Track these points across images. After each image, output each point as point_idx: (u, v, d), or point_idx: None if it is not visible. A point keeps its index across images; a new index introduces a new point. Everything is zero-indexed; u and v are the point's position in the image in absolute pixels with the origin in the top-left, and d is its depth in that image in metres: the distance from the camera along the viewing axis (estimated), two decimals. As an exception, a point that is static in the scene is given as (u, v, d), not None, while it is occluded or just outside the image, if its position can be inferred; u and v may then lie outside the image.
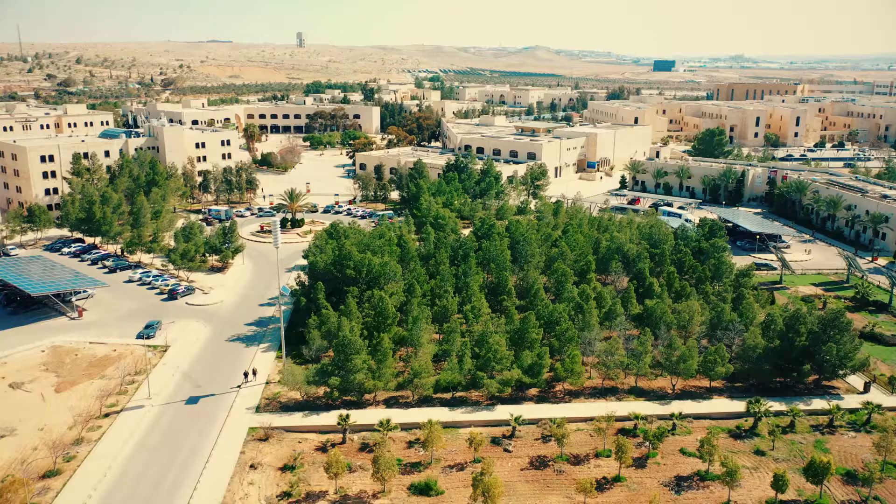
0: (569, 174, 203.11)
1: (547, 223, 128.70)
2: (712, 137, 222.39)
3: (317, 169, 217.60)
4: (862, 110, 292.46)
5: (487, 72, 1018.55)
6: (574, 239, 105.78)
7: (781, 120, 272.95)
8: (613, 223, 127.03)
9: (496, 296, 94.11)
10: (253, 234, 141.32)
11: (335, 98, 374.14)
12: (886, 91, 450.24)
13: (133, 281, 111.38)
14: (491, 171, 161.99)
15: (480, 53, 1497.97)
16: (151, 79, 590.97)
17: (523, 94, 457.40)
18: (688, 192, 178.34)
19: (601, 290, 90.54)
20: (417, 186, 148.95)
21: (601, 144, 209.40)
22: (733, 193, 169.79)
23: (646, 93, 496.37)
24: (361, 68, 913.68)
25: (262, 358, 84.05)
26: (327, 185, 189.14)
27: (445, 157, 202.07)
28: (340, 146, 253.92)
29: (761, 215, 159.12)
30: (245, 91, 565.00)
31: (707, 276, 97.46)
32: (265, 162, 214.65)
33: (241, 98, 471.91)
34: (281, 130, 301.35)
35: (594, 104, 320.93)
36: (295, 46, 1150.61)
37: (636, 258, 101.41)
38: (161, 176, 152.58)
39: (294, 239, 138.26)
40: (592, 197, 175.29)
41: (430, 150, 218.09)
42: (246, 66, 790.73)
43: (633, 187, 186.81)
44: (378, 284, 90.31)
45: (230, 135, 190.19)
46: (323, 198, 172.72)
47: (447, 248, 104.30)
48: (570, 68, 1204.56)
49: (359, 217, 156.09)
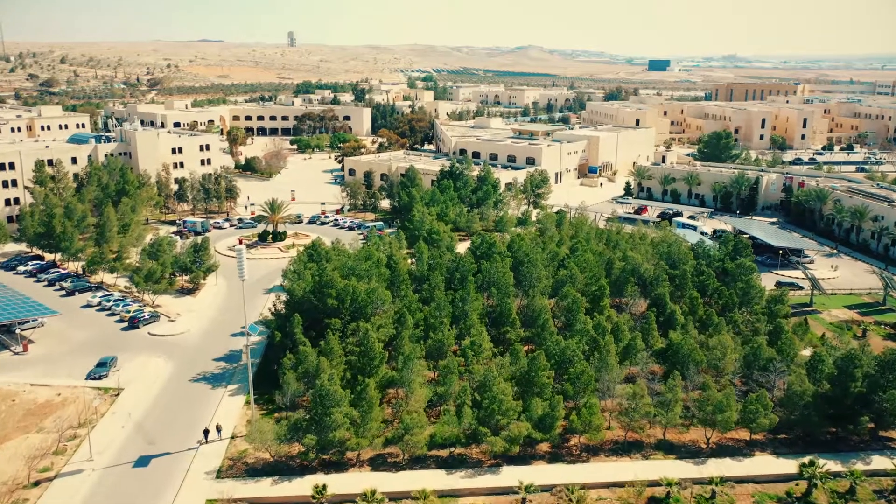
0: (570, 180, 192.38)
1: (551, 237, 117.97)
2: (719, 140, 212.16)
3: (303, 174, 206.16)
4: (869, 111, 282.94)
5: (481, 71, 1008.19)
6: (583, 258, 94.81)
7: (787, 121, 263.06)
8: (623, 237, 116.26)
9: (498, 326, 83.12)
10: (231, 248, 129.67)
11: (325, 99, 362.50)
12: (889, 91, 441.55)
13: (92, 306, 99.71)
14: (488, 178, 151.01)
15: (473, 53, 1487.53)
16: (137, 79, 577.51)
17: (518, 95, 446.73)
18: (697, 199, 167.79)
19: (618, 321, 79.55)
20: (409, 196, 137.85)
21: (603, 148, 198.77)
22: (746, 201, 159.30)
23: (643, 93, 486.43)
24: (353, 68, 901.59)
25: (228, 404, 72.73)
26: (314, 192, 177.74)
27: (439, 162, 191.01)
28: (329, 149, 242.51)
29: (777, 225, 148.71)
30: (234, 91, 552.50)
31: (735, 301, 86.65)
32: (248, 167, 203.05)
33: (228, 99, 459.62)
34: (268, 133, 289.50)
35: (593, 105, 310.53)
36: (286, 46, 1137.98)
37: (654, 281, 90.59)
38: (132, 185, 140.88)
39: (275, 254, 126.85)
40: (596, 205, 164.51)
41: (422, 155, 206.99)
42: (235, 66, 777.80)
43: (638, 194, 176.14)
44: (364, 315, 79.10)
45: (209, 139, 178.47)
46: (309, 206, 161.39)
47: (442, 269, 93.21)
48: (563, 68, 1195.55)
49: (346, 228, 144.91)
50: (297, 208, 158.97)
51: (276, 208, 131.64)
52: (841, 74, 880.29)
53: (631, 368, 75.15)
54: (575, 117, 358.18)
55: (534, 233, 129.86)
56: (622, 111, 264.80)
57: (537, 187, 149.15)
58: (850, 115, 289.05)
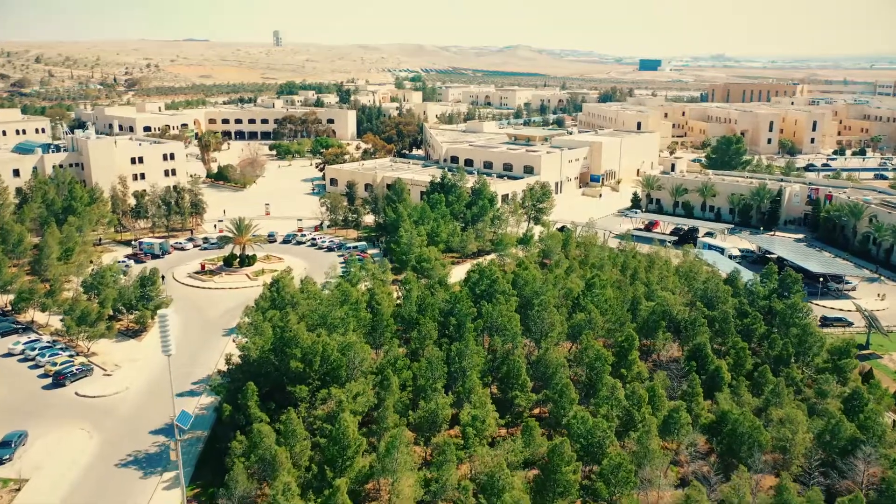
0: (570, 190, 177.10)
1: (557, 262, 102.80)
2: (729, 146, 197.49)
3: (281, 183, 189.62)
4: (879, 113, 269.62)
5: (470, 71, 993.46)
6: (603, 297, 79.23)
7: (796, 124, 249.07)
8: (641, 264, 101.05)
9: (505, 388, 67.45)
10: (191, 275, 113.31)
11: (308, 100, 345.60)
12: (890, 91, 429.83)
13: (13, 354, 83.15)
14: (484, 191, 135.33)
15: (462, 52, 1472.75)
16: (114, 79, 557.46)
17: (510, 96, 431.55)
18: (711, 212, 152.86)
19: (654, 385, 64.01)
20: (396, 212, 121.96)
21: (606, 155, 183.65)
22: (768, 215, 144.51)
23: (638, 93, 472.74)
24: (340, 68, 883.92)
25: (161, 500, 56.64)
26: (292, 204, 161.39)
27: (429, 170, 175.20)
28: (311, 155, 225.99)
29: (804, 242, 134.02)
30: (215, 92, 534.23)
31: (789, 352, 71.37)
32: (221, 176, 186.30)
33: (208, 100, 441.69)
34: (246, 137, 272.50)
35: (590, 107, 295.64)
36: (272, 45, 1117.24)
37: (689, 325, 75.26)
38: (80, 201, 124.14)
39: (242, 282, 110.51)
40: (602, 219, 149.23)
41: (410, 162, 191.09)
42: (218, 66, 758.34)
43: (647, 206, 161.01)
44: (337, 379, 63.20)
45: (174, 147, 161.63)
46: (285, 222, 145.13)
47: (434, 310, 77.43)
48: (552, 67, 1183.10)
49: (325, 249, 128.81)
50: (272, 225, 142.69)
51: (244, 229, 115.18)
52: (831, 74, 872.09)
53: (669, 442, 59.95)
54: (570, 119, 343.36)
55: (536, 255, 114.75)
56: (622, 114, 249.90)
57: (538, 201, 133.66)
58: (858, 118, 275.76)
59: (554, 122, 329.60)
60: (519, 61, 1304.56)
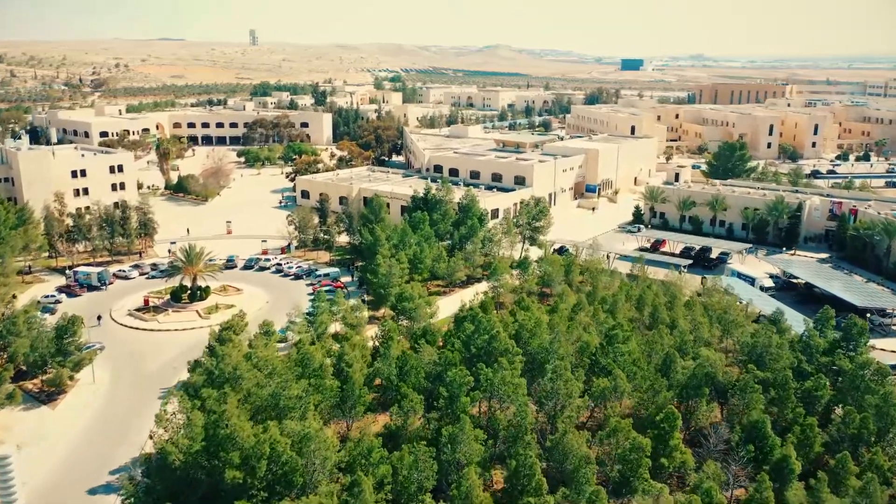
0: (565, 201, 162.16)
1: (561, 295, 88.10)
2: (732, 152, 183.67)
3: (249, 195, 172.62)
4: (880, 115, 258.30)
5: (450, 71, 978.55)
6: (627, 356, 63.91)
7: (796, 128, 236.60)
8: (659, 297, 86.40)
9: (513, 489, 51.93)
10: (133, 312, 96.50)
11: (281, 102, 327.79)
12: (881, 92, 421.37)
13: None
14: (473, 208, 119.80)
15: (442, 52, 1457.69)
16: (80, 79, 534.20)
17: (493, 97, 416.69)
18: (722, 227, 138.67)
19: (709, 487, 48.79)
20: (373, 235, 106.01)
21: (603, 163, 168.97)
22: (786, 232, 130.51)
23: (625, 94, 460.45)
24: (317, 67, 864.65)
25: None
26: (259, 220, 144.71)
27: (411, 180, 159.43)
28: (282, 162, 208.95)
29: (829, 264, 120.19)
30: (186, 92, 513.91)
31: (870, 430, 56.54)
32: (181, 188, 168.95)
33: (178, 101, 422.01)
34: (214, 142, 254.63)
35: (578, 109, 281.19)
36: (247, 45, 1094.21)
37: (739, 391, 60.21)
38: (4, 224, 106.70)
39: (191, 321, 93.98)
40: (603, 236, 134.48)
41: (390, 171, 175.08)
42: (191, 66, 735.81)
43: (650, 221, 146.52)
44: (291, 487, 47.25)
45: (122, 158, 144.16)
46: (249, 243, 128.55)
47: (419, 374, 61.77)
48: (533, 67, 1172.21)
49: (292, 276, 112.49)
50: (233, 246, 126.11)
51: (195, 258, 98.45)
52: (811, 74, 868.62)
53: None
54: (556, 121, 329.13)
55: (534, 283, 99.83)
56: (614, 117, 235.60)
57: (534, 219, 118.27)
58: (858, 120, 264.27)
59: (540, 124, 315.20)
60: (499, 61, 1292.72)
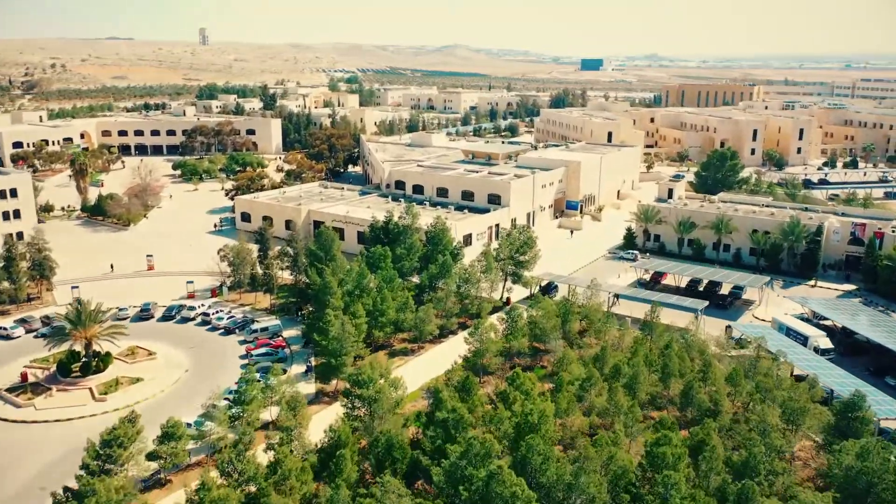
0: (545, 221, 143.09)
1: (562, 364, 69.18)
2: (723, 162, 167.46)
3: (181, 217, 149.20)
4: (862, 118, 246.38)
5: (409, 71, 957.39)
6: (679, 489, 44.19)
7: (780, 132, 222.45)
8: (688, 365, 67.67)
9: None
10: (4, 393, 73.47)
11: (227, 106, 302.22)
12: (848, 93, 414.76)
13: None
14: (444, 239, 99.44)
15: (399, 52, 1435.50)
16: (10, 81, 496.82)
17: (454, 99, 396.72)
18: (727, 252, 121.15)
19: None
20: (323, 278, 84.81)
21: (585, 176, 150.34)
22: (803, 259, 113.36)
23: (591, 95, 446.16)
24: (271, 68, 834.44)
25: None
26: (190, 251, 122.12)
27: (369, 199, 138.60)
28: (223, 175, 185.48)
29: (860, 298, 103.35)
30: (128, 94, 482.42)
31: None
32: (99, 210, 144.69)
33: (117, 104, 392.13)
34: (150, 152, 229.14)
35: (548, 113, 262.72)
36: (197, 44, 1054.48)
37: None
38: None
39: (81, 405, 71.45)
40: (592, 266, 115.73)
41: (345, 188, 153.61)
42: (136, 66, 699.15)
43: (644, 244, 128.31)
44: None
45: (18, 180, 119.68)
46: (173, 283, 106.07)
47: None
48: (491, 67, 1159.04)
49: (222, 330, 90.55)
50: (152, 288, 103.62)
51: (86, 318, 75.66)
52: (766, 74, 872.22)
53: None
54: (523, 125, 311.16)
55: (523, 342, 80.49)
56: (589, 122, 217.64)
57: (519, 252, 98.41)
58: (839, 123, 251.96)
59: (506, 128, 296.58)
60: (457, 61, 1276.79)
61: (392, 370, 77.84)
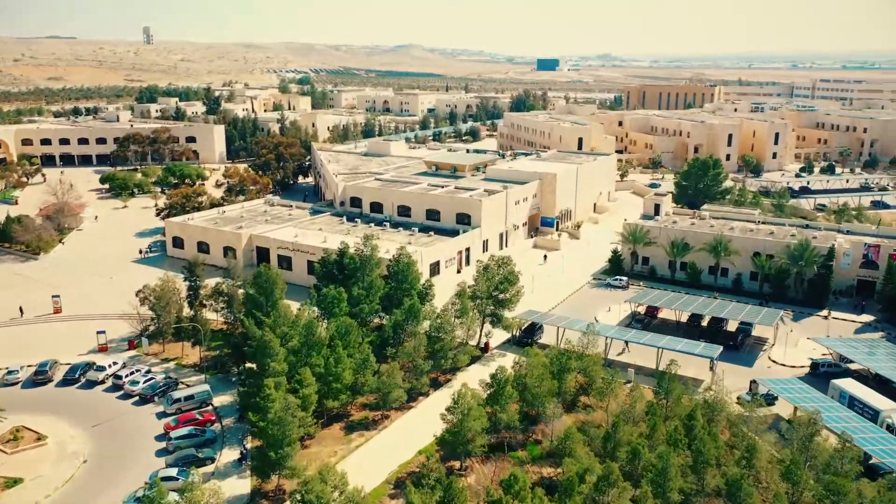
0: (519, 241, 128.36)
1: (565, 443, 55.11)
2: (705, 171, 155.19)
3: (105, 240, 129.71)
4: (834, 121, 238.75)
5: (363, 71, 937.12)
6: None
7: (755, 137, 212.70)
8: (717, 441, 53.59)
9: None
10: None
11: (167, 111, 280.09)
12: (808, 93, 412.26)
13: None
14: (410, 279, 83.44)
15: (353, 52, 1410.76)
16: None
17: (412, 101, 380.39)
18: (725, 277, 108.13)
19: None
20: (262, 332, 67.93)
21: (561, 190, 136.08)
22: (813, 285, 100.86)
23: (552, 97, 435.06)
24: (219, 68, 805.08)
25: None
26: (108, 287, 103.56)
27: (321, 220, 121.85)
28: (158, 190, 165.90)
29: (881, 332, 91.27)
30: (62, 97, 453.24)
31: None
32: (4, 236, 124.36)
33: (49, 108, 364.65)
34: (78, 162, 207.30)
35: (512, 117, 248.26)
36: (142, 43, 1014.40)
37: None
38: None
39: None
40: (577, 294, 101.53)
41: (294, 206, 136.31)
42: (74, 66, 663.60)
43: (633, 267, 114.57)
44: None
45: None
46: (83, 330, 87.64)
47: None
48: (446, 67, 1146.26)
49: (137, 397, 72.97)
50: (57, 337, 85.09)
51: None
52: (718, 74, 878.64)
53: None
54: (485, 129, 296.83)
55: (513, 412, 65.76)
56: (558, 127, 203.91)
57: (499, 289, 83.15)
58: (811, 126, 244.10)
59: (467, 132, 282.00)
60: (412, 61, 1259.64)
61: (349, 452, 62.21)
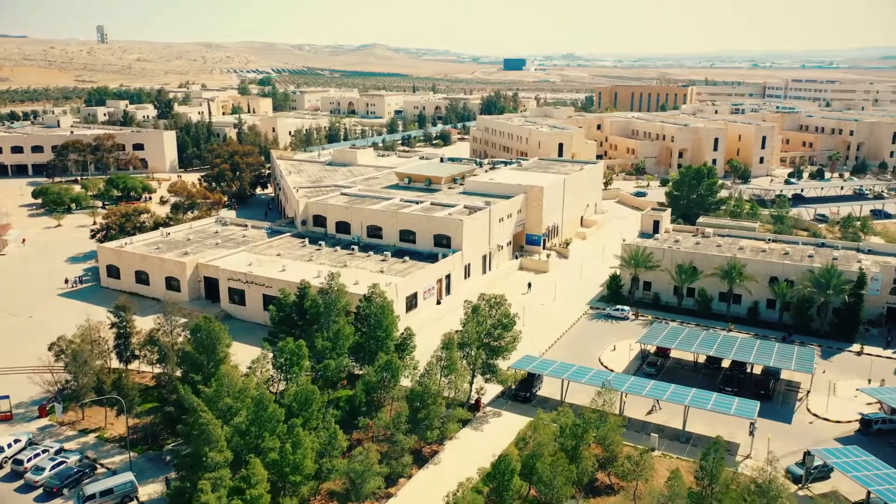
0: (503, 263, 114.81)
1: None
2: (699, 180, 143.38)
3: (31, 268, 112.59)
4: (819, 123, 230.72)
5: (326, 71, 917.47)
6: None
7: (741, 140, 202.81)
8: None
9: None
10: None
11: (114, 114, 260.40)
12: (781, 94, 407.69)
13: None
14: (386, 325, 69.05)
15: (316, 51, 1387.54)
16: None
17: (378, 102, 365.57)
18: (738, 305, 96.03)
19: None
20: (197, 418, 52.90)
21: (549, 204, 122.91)
22: (840, 315, 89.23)
23: (523, 98, 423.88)
24: (176, 68, 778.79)
25: None
26: (25, 328, 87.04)
27: (280, 243, 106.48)
28: (99, 205, 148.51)
29: (923, 370, 79.92)
30: (6, 99, 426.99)
31: None
32: None
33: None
34: (11, 173, 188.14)
35: (486, 121, 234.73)
36: (95, 42, 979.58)
37: None
38: None
39: None
40: (573, 329, 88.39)
41: (250, 225, 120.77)
42: (21, 67, 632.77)
43: (633, 293, 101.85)
44: None
45: None
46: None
47: None
48: (411, 67, 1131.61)
49: (41, 489, 57.42)
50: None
51: None
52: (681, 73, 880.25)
53: None
54: (456, 133, 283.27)
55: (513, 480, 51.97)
56: (536, 132, 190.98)
57: (493, 335, 69.41)
58: (795, 129, 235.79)
59: (438, 136, 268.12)
60: (376, 60, 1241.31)
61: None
